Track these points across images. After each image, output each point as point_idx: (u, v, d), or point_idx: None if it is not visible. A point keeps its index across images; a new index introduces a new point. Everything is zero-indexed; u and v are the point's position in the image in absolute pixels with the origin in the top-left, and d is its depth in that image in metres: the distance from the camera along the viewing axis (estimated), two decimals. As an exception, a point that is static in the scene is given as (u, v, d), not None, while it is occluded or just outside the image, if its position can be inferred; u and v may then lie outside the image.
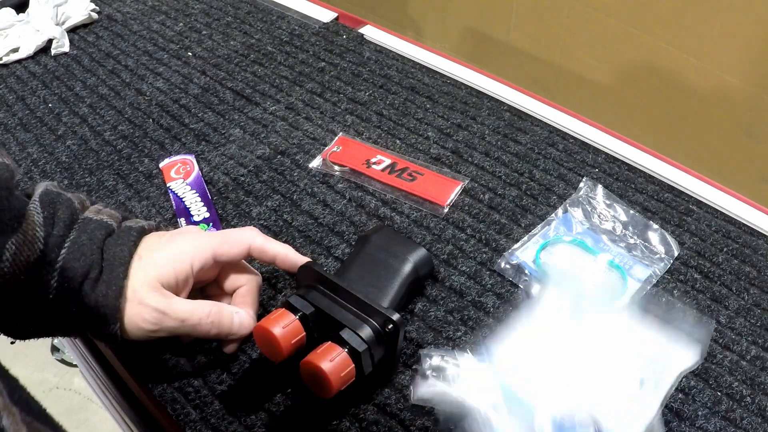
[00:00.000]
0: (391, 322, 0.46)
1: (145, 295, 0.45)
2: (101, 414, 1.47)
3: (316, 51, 0.85)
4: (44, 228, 0.44)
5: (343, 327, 0.46)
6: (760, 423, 0.48)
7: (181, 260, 0.47)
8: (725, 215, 0.63)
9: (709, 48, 1.19)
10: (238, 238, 0.50)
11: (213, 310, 0.47)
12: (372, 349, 0.46)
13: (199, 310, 0.47)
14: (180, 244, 0.48)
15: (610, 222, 0.62)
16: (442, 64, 0.82)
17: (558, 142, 0.71)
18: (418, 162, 0.68)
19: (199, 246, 0.48)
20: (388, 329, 0.46)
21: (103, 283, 0.45)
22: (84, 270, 0.45)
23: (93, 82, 0.81)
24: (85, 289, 0.45)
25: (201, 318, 0.47)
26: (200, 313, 0.47)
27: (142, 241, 0.48)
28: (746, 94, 1.18)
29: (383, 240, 0.54)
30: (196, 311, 0.47)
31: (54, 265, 0.44)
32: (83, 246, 0.45)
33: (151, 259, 0.47)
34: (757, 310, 0.55)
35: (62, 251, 0.45)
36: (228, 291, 0.52)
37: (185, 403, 0.49)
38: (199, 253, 0.48)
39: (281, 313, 0.47)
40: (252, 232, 0.52)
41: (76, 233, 0.46)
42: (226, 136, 0.72)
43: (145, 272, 0.46)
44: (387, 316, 0.46)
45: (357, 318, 0.47)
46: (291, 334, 0.46)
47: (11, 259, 0.42)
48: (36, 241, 0.43)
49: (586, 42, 1.38)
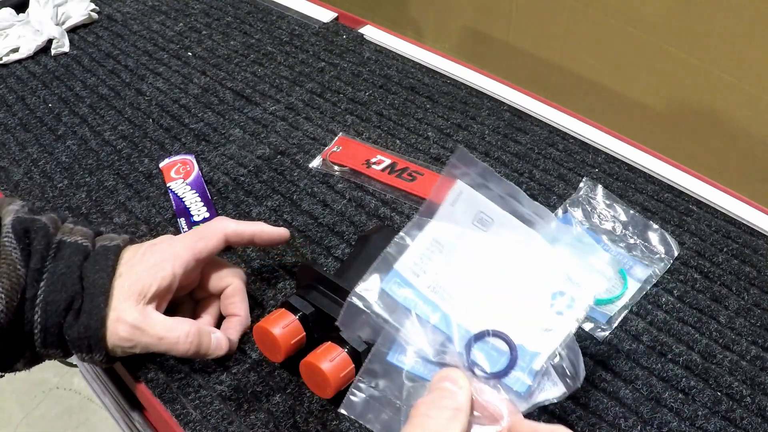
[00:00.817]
0: None
1: (123, 312, 0.45)
2: (101, 414, 1.47)
3: (316, 51, 0.85)
4: (24, 263, 0.44)
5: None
6: (760, 423, 0.48)
7: (162, 268, 0.47)
8: (725, 215, 0.63)
9: (709, 48, 1.19)
10: (212, 230, 0.50)
11: (192, 330, 0.47)
12: (372, 348, 0.46)
13: (179, 329, 0.47)
14: (158, 253, 0.48)
15: (610, 222, 0.62)
16: (442, 64, 0.82)
17: (558, 142, 0.71)
18: (418, 162, 0.68)
19: (178, 251, 0.48)
20: None
21: (84, 314, 0.45)
22: (67, 302, 0.44)
23: (93, 82, 0.81)
24: (69, 320, 0.45)
25: (180, 337, 0.47)
26: (179, 332, 0.47)
27: (125, 255, 0.48)
28: (746, 94, 1.18)
29: (383, 240, 0.54)
30: (175, 330, 0.47)
31: (35, 301, 0.44)
32: (63, 276, 0.45)
33: (132, 274, 0.46)
34: (757, 310, 0.55)
35: (41, 284, 0.44)
36: (215, 292, 0.52)
37: (185, 403, 0.49)
38: (179, 257, 0.48)
39: (281, 313, 0.47)
40: (223, 220, 0.51)
41: (53, 263, 0.45)
42: (226, 136, 0.72)
43: (126, 288, 0.46)
44: None
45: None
46: (291, 334, 0.46)
47: (5, 309, 0.42)
48: (19, 283, 0.43)
49: (586, 42, 1.38)
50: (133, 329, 0.45)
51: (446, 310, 0.38)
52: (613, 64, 1.36)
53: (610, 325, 0.54)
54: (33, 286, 0.44)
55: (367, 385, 0.38)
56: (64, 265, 0.45)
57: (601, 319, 0.54)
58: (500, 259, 0.40)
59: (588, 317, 0.54)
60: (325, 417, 0.48)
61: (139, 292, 0.46)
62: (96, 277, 0.46)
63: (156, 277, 0.47)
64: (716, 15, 1.15)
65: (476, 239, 0.39)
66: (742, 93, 1.19)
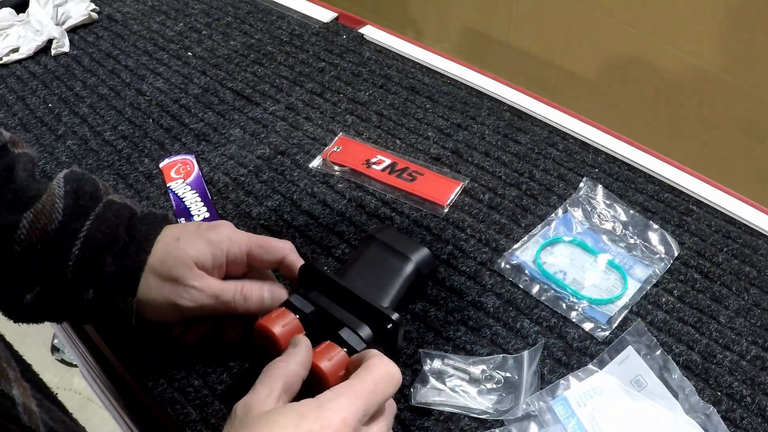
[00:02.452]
0: (390, 322, 0.46)
1: (183, 274, 0.46)
2: (101, 414, 1.47)
3: (316, 51, 0.85)
4: (64, 200, 0.46)
5: (342, 326, 0.46)
6: (760, 423, 0.48)
7: (219, 247, 0.48)
8: (725, 215, 0.63)
9: (710, 48, 1.19)
10: (276, 248, 0.50)
11: (242, 285, 0.48)
12: (371, 348, 0.46)
13: (231, 286, 0.48)
14: (219, 232, 0.49)
15: (610, 222, 0.62)
16: (442, 64, 0.82)
17: (558, 142, 0.71)
18: (418, 162, 0.68)
19: (238, 239, 0.49)
20: (387, 329, 0.46)
21: (126, 257, 0.46)
22: (108, 241, 0.46)
23: (93, 82, 0.81)
24: (107, 259, 0.46)
25: (234, 293, 0.47)
26: (232, 289, 0.47)
27: (177, 226, 0.50)
28: (746, 94, 1.18)
29: (387, 240, 0.54)
30: (229, 288, 0.48)
31: (77, 234, 0.45)
32: (108, 221, 0.47)
33: (190, 242, 0.48)
34: (757, 310, 0.55)
35: (87, 222, 0.46)
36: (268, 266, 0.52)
37: (185, 403, 0.49)
38: (236, 245, 0.49)
39: (281, 312, 0.47)
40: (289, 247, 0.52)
41: (101, 209, 0.47)
42: (226, 136, 0.72)
43: (183, 253, 0.47)
44: (386, 315, 0.46)
45: (356, 317, 0.47)
46: (290, 333, 0.46)
47: (28, 226, 0.44)
48: (54, 212, 0.45)
49: (586, 42, 1.38)
50: (195, 291, 0.46)
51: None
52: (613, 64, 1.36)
53: (610, 325, 0.54)
54: (78, 221, 0.46)
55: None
56: (112, 214, 0.47)
57: (601, 319, 0.54)
58: (643, 416, 0.48)
59: (588, 317, 0.54)
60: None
61: (196, 260, 0.47)
62: (143, 229, 0.48)
63: (212, 252, 0.48)
64: (716, 15, 1.15)
65: (629, 396, 0.49)
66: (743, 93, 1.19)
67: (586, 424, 0.47)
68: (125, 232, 0.47)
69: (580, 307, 0.55)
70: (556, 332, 0.53)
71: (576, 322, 0.54)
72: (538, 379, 0.50)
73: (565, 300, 0.55)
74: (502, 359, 0.51)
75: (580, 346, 0.52)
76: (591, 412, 0.48)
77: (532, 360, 0.50)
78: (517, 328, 0.54)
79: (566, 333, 0.53)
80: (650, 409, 0.48)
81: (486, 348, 0.52)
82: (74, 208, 0.46)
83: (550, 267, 0.58)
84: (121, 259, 0.46)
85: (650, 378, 0.49)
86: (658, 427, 0.47)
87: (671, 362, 0.50)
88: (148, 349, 0.52)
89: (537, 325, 0.54)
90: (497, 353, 0.52)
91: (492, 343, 0.53)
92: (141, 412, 0.59)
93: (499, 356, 0.51)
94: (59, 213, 0.45)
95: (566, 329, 0.54)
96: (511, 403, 0.48)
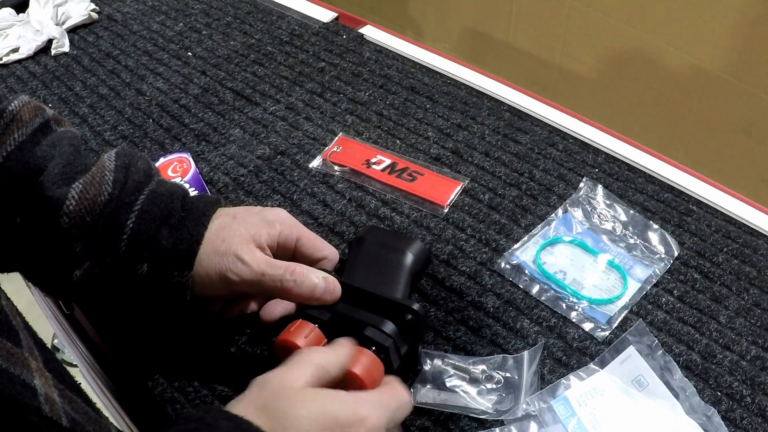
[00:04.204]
0: (411, 312, 0.46)
1: (237, 247, 0.46)
2: (101, 414, 1.47)
3: (316, 51, 0.85)
4: (115, 173, 0.46)
5: (365, 326, 0.46)
6: (760, 423, 0.48)
7: (273, 226, 0.49)
8: (725, 215, 0.63)
9: (710, 48, 1.19)
10: (323, 247, 0.51)
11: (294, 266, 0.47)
12: (397, 342, 0.46)
13: (282, 264, 0.47)
14: (274, 213, 0.50)
15: (610, 222, 0.62)
16: (442, 64, 0.82)
17: (558, 142, 0.71)
18: (418, 162, 0.68)
19: (292, 225, 0.50)
20: (409, 319, 0.46)
21: (184, 229, 0.46)
22: (163, 214, 0.46)
23: (93, 82, 0.81)
24: (163, 233, 0.46)
25: (285, 272, 0.46)
26: (283, 268, 0.46)
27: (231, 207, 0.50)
28: (746, 94, 1.18)
29: (377, 238, 0.55)
30: (280, 265, 0.46)
31: (132, 207, 0.45)
32: (162, 195, 0.47)
33: (247, 220, 0.48)
34: (757, 310, 0.55)
35: (141, 196, 0.46)
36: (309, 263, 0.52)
37: (185, 403, 0.49)
38: (289, 228, 0.50)
39: (299, 323, 0.46)
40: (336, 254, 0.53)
41: (155, 185, 0.47)
42: (226, 136, 0.72)
43: (240, 228, 0.47)
44: (407, 306, 0.46)
45: (377, 315, 0.46)
46: (314, 343, 0.46)
47: (77, 197, 0.44)
48: (104, 183, 0.45)
49: (586, 42, 1.38)
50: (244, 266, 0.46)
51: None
52: (613, 64, 1.36)
53: (610, 325, 0.54)
54: (133, 195, 0.46)
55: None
56: (166, 190, 0.48)
57: (601, 319, 0.54)
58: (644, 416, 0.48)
59: (588, 317, 0.54)
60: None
61: (252, 236, 0.47)
62: (199, 204, 0.48)
63: (267, 231, 0.48)
64: (716, 15, 1.15)
65: (630, 396, 0.49)
66: (743, 93, 1.19)
67: (586, 424, 0.47)
68: (180, 206, 0.47)
69: (580, 307, 0.55)
70: (556, 332, 0.53)
71: (576, 322, 0.54)
72: (538, 380, 0.50)
73: (565, 300, 0.55)
74: (502, 359, 0.51)
75: (580, 346, 0.52)
76: (592, 411, 0.48)
77: (532, 360, 0.50)
78: (517, 328, 0.54)
79: (566, 333, 0.53)
80: (651, 409, 0.48)
81: (486, 348, 0.52)
82: (126, 183, 0.46)
83: (550, 267, 0.58)
84: (179, 232, 0.46)
85: (651, 378, 0.49)
86: (658, 427, 0.47)
87: (672, 363, 0.50)
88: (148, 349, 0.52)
89: (537, 325, 0.54)
90: (497, 353, 0.52)
91: (492, 343, 0.53)
92: (141, 412, 0.59)
93: (499, 356, 0.51)
94: (108, 185, 0.45)
95: (566, 329, 0.54)
96: (511, 404, 0.48)
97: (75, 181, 0.45)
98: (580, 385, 0.49)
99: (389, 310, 0.47)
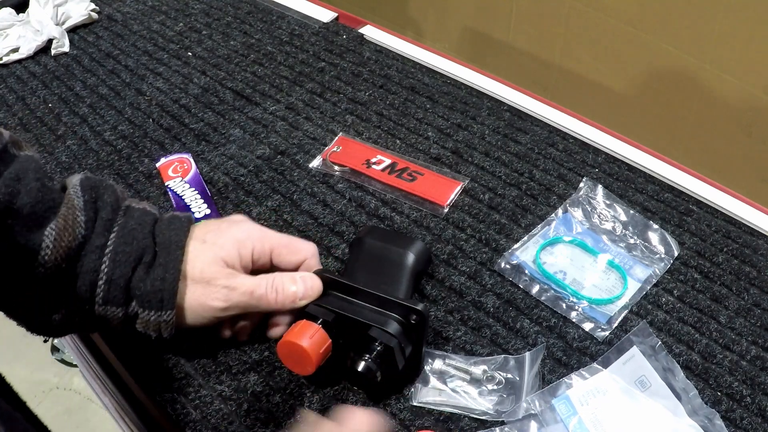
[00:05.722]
0: (415, 313, 0.46)
1: (214, 275, 0.46)
2: (101, 414, 1.47)
3: (316, 51, 0.85)
4: (85, 212, 0.44)
5: (369, 327, 0.46)
6: (760, 423, 0.48)
7: (244, 245, 0.48)
8: (725, 215, 0.63)
9: (709, 48, 1.19)
10: (299, 248, 0.50)
11: (272, 278, 0.48)
12: (402, 342, 0.46)
13: (263, 280, 0.47)
14: (243, 230, 0.49)
15: (610, 222, 0.62)
16: (442, 64, 0.82)
17: (558, 142, 0.71)
18: (418, 162, 0.68)
19: (262, 237, 0.49)
20: (414, 320, 0.46)
21: (159, 267, 0.45)
22: (137, 254, 0.44)
23: (93, 82, 0.81)
24: (139, 273, 0.44)
25: (266, 287, 0.47)
26: (264, 283, 0.47)
27: (200, 227, 0.49)
28: (746, 94, 1.18)
29: (378, 238, 0.54)
30: (261, 282, 0.47)
31: (104, 250, 0.44)
32: (133, 230, 0.45)
33: (217, 243, 0.47)
34: (757, 310, 0.55)
35: (111, 235, 0.44)
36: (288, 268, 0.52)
37: (185, 403, 0.49)
38: (260, 243, 0.49)
39: (303, 323, 0.46)
40: (313, 250, 0.52)
41: (123, 219, 0.46)
42: (226, 136, 0.72)
43: (211, 254, 0.46)
44: (411, 307, 0.46)
45: (381, 315, 0.46)
46: (318, 343, 0.45)
47: (52, 246, 0.41)
48: (77, 226, 0.43)
49: (586, 42, 1.38)
50: (227, 290, 0.46)
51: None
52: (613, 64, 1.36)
53: (610, 325, 0.54)
54: (103, 236, 0.44)
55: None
56: (135, 222, 0.46)
57: (601, 319, 0.54)
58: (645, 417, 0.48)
59: (588, 317, 0.54)
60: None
61: (225, 259, 0.47)
62: (171, 235, 0.46)
63: (238, 250, 0.47)
64: (716, 15, 1.15)
65: (632, 396, 0.49)
66: (743, 93, 1.19)
67: (587, 423, 0.47)
68: (152, 240, 0.46)
69: (580, 307, 0.55)
70: (556, 332, 0.53)
71: (576, 322, 0.54)
72: (539, 381, 0.50)
73: (565, 300, 0.55)
74: (503, 360, 0.51)
75: (580, 346, 0.52)
76: (593, 411, 0.48)
77: (534, 361, 0.50)
78: (517, 328, 0.54)
79: (566, 333, 0.53)
80: (653, 410, 0.48)
81: (486, 348, 0.52)
82: (97, 221, 0.44)
83: (550, 267, 0.58)
84: (155, 271, 0.44)
85: (654, 379, 0.49)
86: (660, 428, 0.47)
87: (675, 364, 0.50)
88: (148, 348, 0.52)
89: (537, 325, 0.54)
90: (497, 353, 0.52)
91: (492, 343, 0.53)
92: (141, 412, 0.59)
93: (500, 357, 0.51)
94: (81, 227, 0.43)
95: (566, 329, 0.54)
96: (512, 404, 0.48)
97: (46, 222, 0.42)
98: (582, 385, 0.49)
99: (394, 311, 0.47)
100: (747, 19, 1.11)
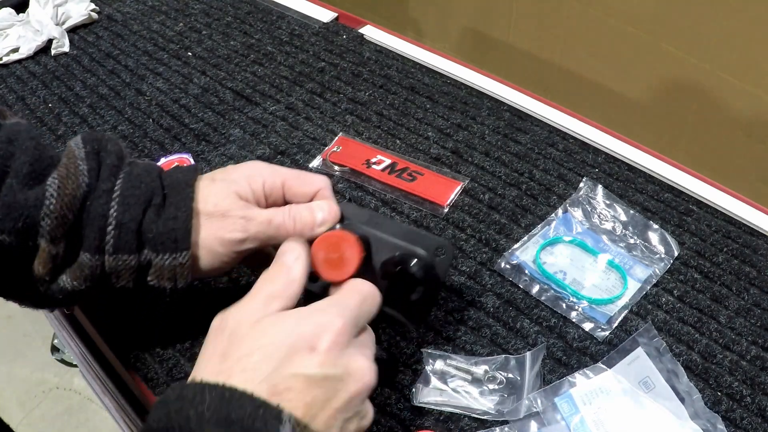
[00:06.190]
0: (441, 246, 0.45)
1: (229, 206, 0.44)
2: (101, 414, 1.47)
3: (316, 51, 0.85)
4: (87, 162, 0.43)
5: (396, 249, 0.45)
6: (760, 423, 0.48)
7: (255, 180, 0.47)
8: (725, 215, 0.63)
9: (709, 48, 1.19)
10: (311, 180, 0.48)
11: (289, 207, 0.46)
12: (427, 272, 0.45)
13: (279, 210, 0.46)
14: (252, 166, 0.48)
15: (610, 222, 0.62)
16: (442, 64, 0.82)
17: (558, 142, 0.71)
18: (418, 162, 0.68)
19: (273, 172, 0.48)
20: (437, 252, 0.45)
21: (170, 206, 0.44)
22: (146, 197, 0.43)
23: (93, 82, 0.81)
24: (149, 216, 0.43)
25: (284, 215, 0.45)
26: (281, 212, 0.46)
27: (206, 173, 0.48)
28: (746, 94, 1.18)
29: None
30: (278, 211, 0.46)
31: (111, 194, 0.43)
32: (140, 175, 0.44)
33: (227, 179, 0.46)
34: (757, 310, 0.55)
35: (118, 181, 0.43)
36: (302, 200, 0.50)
37: (185, 403, 0.49)
38: (271, 177, 0.47)
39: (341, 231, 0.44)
40: (326, 181, 0.49)
41: (129, 167, 0.45)
42: (226, 136, 0.73)
43: (224, 188, 0.45)
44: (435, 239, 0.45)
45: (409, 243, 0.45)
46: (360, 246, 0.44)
47: (56, 195, 0.41)
48: (80, 174, 0.42)
49: (586, 42, 1.38)
50: (244, 221, 0.44)
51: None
52: (613, 64, 1.36)
53: (610, 325, 0.54)
54: (109, 181, 0.43)
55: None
56: (141, 169, 0.45)
57: (601, 319, 0.54)
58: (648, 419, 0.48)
59: (588, 317, 0.54)
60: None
61: (238, 192, 0.45)
62: (179, 176, 0.45)
63: (249, 184, 0.46)
64: (716, 15, 1.15)
65: (635, 398, 0.49)
66: (743, 93, 1.19)
67: (589, 423, 0.47)
68: (160, 183, 0.45)
69: (580, 307, 0.55)
70: (556, 332, 0.53)
71: (576, 322, 0.54)
72: (540, 381, 0.50)
73: (565, 300, 0.55)
74: (504, 360, 0.51)
75: (580, 346, 0.52)
76: (596, 411, 0.48)
77: (535, 361, 0.50)
78: (517, 328, 0.54)
79: (566, 333, 0.53)
80: (656, 411, 0.48)
81: (486, 348, 0.52)
82: (101, 169, 0.43)
83: (550, 267, 0.58)
84: (167, 211, 0.43)
85: (658, 381, 0.49)
86: (662, 430, 0.47)
87: (679, 367, 0.50)
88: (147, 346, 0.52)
89: (537, 325, 0.54)
90: (497, 353, 0.52)
91: (492, 343, 0.53)
92: (141, 412, 0.59)
93: (501, 357, 0.51)
94: (84, 175, 0.42)
95: (566, 329, 0.54)
96: (513, 404, 0.48)
97: (47, 177, 0.41)
98: (585, 384, 0.49)
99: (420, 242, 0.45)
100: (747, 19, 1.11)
